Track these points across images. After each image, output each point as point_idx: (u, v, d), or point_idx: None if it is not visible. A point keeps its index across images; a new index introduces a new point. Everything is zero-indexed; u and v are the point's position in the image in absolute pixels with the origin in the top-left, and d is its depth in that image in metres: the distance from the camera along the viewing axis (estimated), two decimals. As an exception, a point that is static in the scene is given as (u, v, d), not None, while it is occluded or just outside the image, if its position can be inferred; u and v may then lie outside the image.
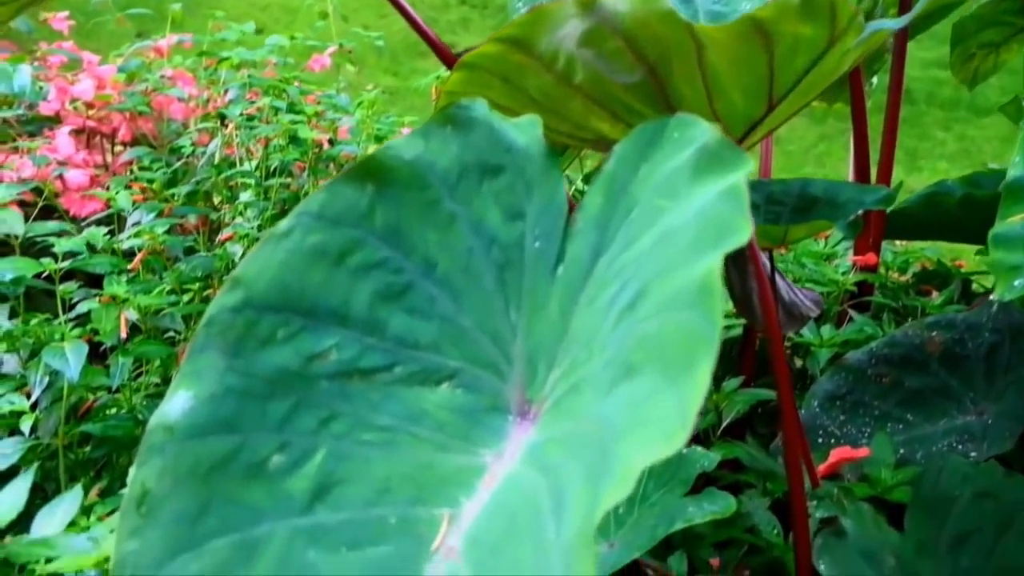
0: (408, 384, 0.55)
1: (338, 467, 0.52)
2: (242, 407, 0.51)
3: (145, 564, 0.47)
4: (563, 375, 0.53)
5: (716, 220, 0.44)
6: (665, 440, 0.38)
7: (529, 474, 0.50)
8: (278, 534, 0.50)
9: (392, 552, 0.50)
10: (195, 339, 0.52)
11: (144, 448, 0.49)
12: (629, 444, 0.39)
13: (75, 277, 0.92)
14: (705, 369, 0.39)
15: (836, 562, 0.73)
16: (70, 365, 0.72)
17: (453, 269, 0.56)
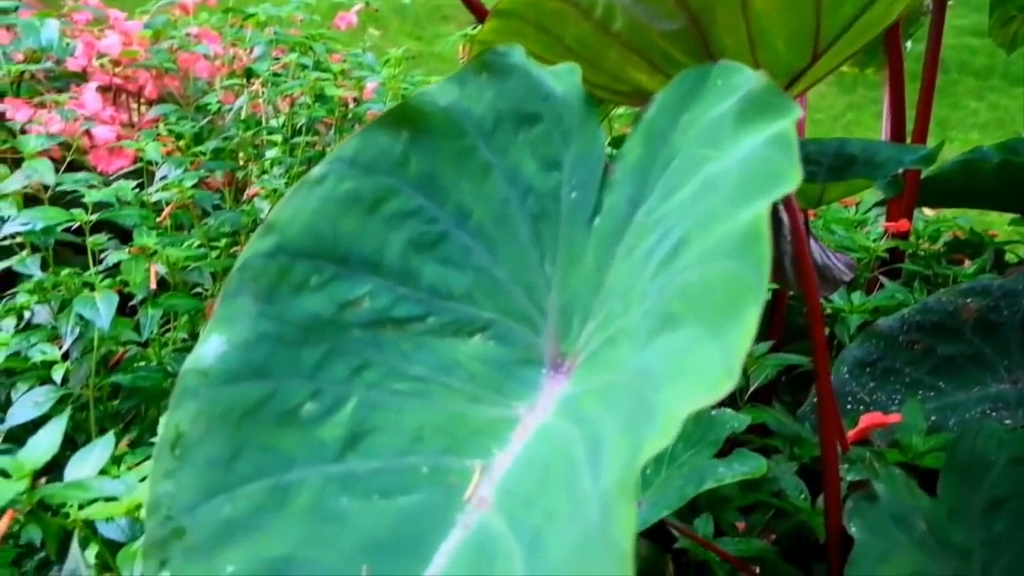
0: (441, 335, 0.55)
1: (370, 416, 0.52)
2: (275, 353, 0.51)
3: (179, 505, 0.47)
4: (598, 328, 0.53)
5: (763, 167, 0.43)
6: (708, 388, 0.37)
7: (563, 426, 0.50)
8: (310, 480, 0.49)
9: (424, 501, 0.50)
10: (228, 284, 0.52)
11: (178, 391, 0.49)
12: (671, 393, 0.39)
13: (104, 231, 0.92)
14: (752, 318, 0.38)
15: (867, 525, 0.72)
16: (101, 314, 0.73)
17: (488, 219, 0.56)
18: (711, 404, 0.36)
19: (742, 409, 1.02)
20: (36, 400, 0.75)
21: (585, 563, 0.39)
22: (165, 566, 0.46)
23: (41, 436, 0.53)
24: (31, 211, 0.78)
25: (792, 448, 0.99)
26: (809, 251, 0.91)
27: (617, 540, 0.35)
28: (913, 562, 0.71)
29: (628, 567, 0.34)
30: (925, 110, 1.38)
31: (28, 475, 0.50)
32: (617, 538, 0.35)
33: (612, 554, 0.36)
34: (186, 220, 0.96)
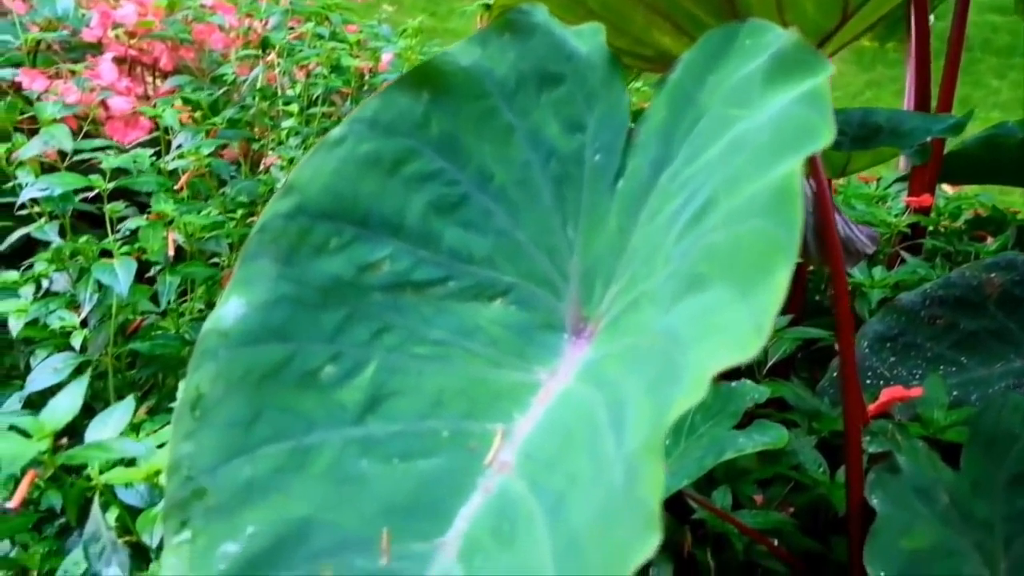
0: (462, 299, 0.54)
1: (390, 379, 0.51)
2: (294, 316, 0.50)
3: (199, 466, 0.47)
4: (621, 292, 0.52)
5: (795, 124, 0.42)
6: (737, 347, 0.37)
7: (585, 390, 0.49)
8: (330, 443, 0.49)
9: (444, 465, 0.50)
10: (247, 246, 0.51)
11: (198, 353, 0.49)
12: (698, 353, 0.38)
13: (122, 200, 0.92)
14: (782, 276, 0.37)
15: (889, 498, 0.71)
16: (119, 280, 0.72)
17: (509, 182, 0.55)
18: (740, 363, 0.36)
19: (760, 383, 1.01)
20: (55, 367, 0.75)
21: (610, 526, 0.39)
22: (186, 526, 0.46)
23: (61, 398, 0.53)
24: (49, 176, 0.78)
25: (811, 422, 0.98)
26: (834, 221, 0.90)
27: (644, 501, 0.35)
28: (935, 535, 0.70)
29: (655, 528, 0.34)
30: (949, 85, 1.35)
31: (49, 436, 0.50)
32: (644, 499, 0.35)
33: (638, 516, 0.35)
34: (203, 189, 0.95)
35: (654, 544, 0.33)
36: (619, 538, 0.37)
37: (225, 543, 0.46)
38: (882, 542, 0.68)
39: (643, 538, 0.34)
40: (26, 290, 0.85)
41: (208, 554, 0.46)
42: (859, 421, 0.70)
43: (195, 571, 0.45)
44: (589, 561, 0.39)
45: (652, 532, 0.34)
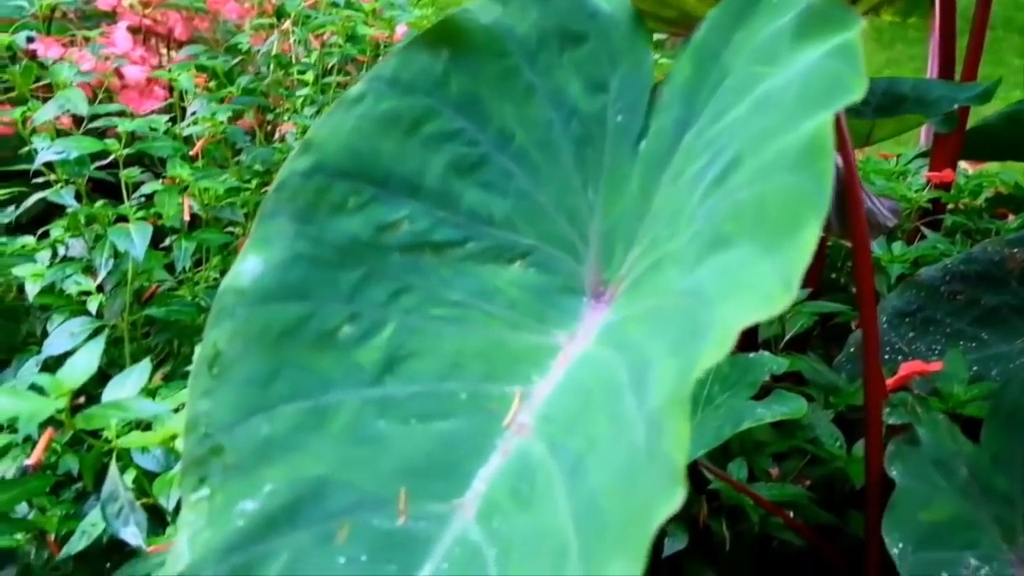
0: (481, 261, 0.53)
1: (408, 340, 0.51)
2: (312, 275, 0.50)
3: (217, 423, 0.47)
4: (643, 254, 0.51)
5: (825, 78, 0.41)
6: (764, 303, 0.36)
7: (605, 353, 0.49)
8: (348, 403, 0.49)
9: (462, 426, 0.49)
10: (265, 204, 0.51)
11: (215, 310, 0.48)
12: (724, 309, 0.37)
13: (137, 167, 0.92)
14: (811, 232, 0.36)
15: (908, 470, 0.71)
16: (135, 244, 0.72)
17: (530, 143, 0.54)
18: (767, 318, 0.35)
19: (777, 356, 1.00)
20: (72, 331, 0.75)
21: (631, 486, 0.38)
22: (204, 483, 0.46)
23: (79, 357, 0.53)
24: (65, 140, 0.77)
25: (827, 397, 0.98)
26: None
27: (668, 456, 0.34)
28: (954, 507, 0.69)
29: (679, 484, 0.33)
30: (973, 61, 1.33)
31: (67, 394, 0.50)
32: (668, 454, 0.34)
33: (662, 472, 0.35)
34: (218, 156, 0.95)
35: (678, 501, 0.33)
36: (641, 497, 0.36)
37: (243, 500, 0.46)
38: (901, 514, 0.68)
39: (667, 494, 0.33)
40: (42, 255, 0.85)
41: (226, 511, 0.45)
42: (880, 392, 0.70)
43: (213, 528, 0.45)
44: (609, 521, 0.39)
45: (676, 488, 0.33)
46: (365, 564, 0.45)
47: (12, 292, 0.99)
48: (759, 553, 0.86)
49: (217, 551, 0.44)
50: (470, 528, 0.46)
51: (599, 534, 0.39)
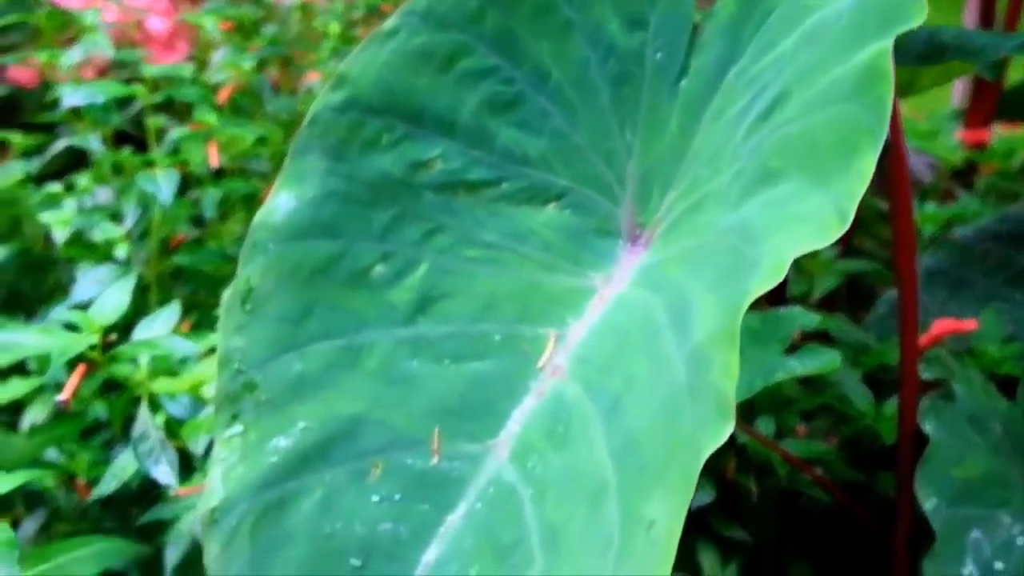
0: (515, 202, 0.52)
1: (441, 281, 0.50)
2: (344, 212, 0.49)
3: (250, 360, 0.46)
4: (681, 195, 0.50)
5: (879, 5, 0.39)
6: (817, 233, 0.35)
7: (642, 294, 0.48)
8: (381, 343, 0.48)
9: (496, 368, 0.49)
10: (297, 140, 0.50)
11: (248, 245, 0.48)
12: (775, 241, 0.36)
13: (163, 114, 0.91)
14: (867, 161, 0.35)
15: (942, 425, 0.70)
16: (163, 190, 0.72)
17: (566, 81, 0.53)
18: (821, 247, 0.34)
19: (806, 316, 0.99)
20: (99, 278, 0.75)
21: (673, 422, 0.38)
22: (237, 419, 0.46)
23: (109, 294, 0.53)
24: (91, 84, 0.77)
25: (856, 356, 0.96)
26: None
27: (716, 387, 0.34)
28: (987, 464, 0.68)
29: (728, 415, 0.32)
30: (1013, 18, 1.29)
31: (98, 330, 0.50)
32: (716, 385, 0.34)
33: (709, 403, 0.34)
34: (245, 103, 0.94)
35: (726, 433, 0.32)
36: (684, 432, 0.36)
37: (276, 437, 0.46)
38: (934, 469, 0.67)
39: (715, 426, 0.33)
40: (69, 202, 0.85)
41: (259, 447, 0.45)
42: (916, 346, 0.68)
43: (247, 464, 0.45)
44: (650, 459, 0.38)
45: (725, 419, 0.32)
46: (398, 503, 0.45)
47: (39, 244, 0.99)
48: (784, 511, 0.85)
49: (251, 486, 0.44)
50: (504, 468, 0.45)
51: (639, 472, 0.38)
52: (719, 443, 0.32)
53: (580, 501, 0.41)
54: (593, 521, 0.39)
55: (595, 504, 0.40)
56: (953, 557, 0.62)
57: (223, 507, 0.44)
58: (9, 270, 0.98)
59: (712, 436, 0.32)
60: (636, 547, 0.35)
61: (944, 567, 0.62)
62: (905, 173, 0.62)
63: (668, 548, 0.33)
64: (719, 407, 0.33)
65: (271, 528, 0.44)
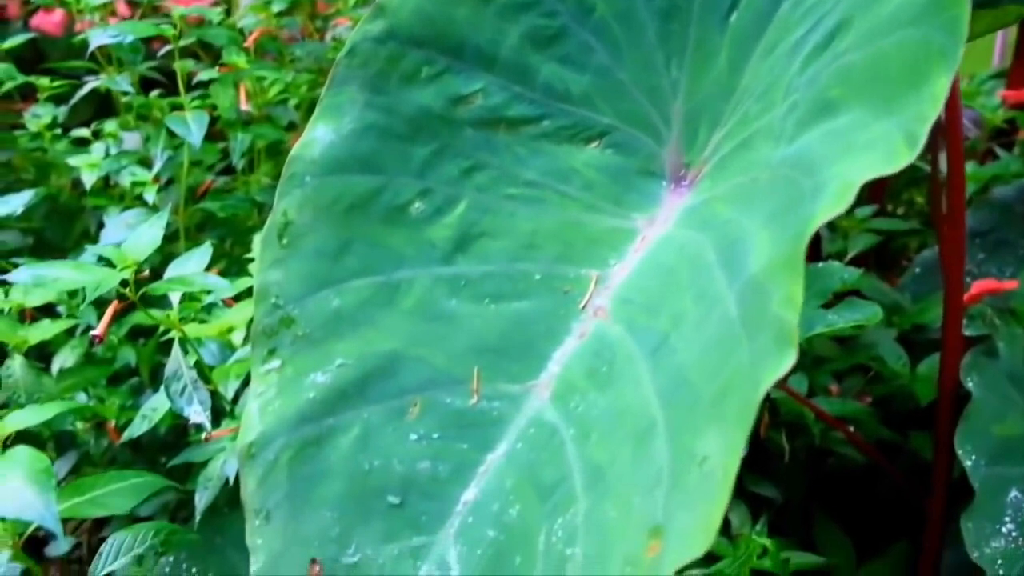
0: (556, 140, 0.51)
1: (481, 219, 0.49)
2: (383, 147, 0.48)
3: (287, 294, 0.46)
4: (729, 133, 0.48)
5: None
6: (884, 159, 0.33)
7: (687, 234, 0.46)
8: (419, 280, 0.47)
9: (536, 308, 0.48)
10: (335, 70, 0.48)
11: (285, 178, 0.47)
12: (838, 167, 0.35)
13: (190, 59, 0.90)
14: (941, 84, 0.34)
15: (984, 382, 0.68)
16: (192, 131, 0.71)
17: (612, 15, 0.51)
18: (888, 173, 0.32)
19: (839, 275, 0.97)
20: (128, 222, 0.74)
21: (725, 357, 0.36)
22: (274, 355, 0.45)
23: (142, 231, 0.52)
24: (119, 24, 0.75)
25: (890, 316, 0.95)
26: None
27: (777, 317, 0.32)
28: (1029, 423, 0.67)
29: (791, 343, 0.31)
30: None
31: (131, 265, 0.49)
32: (777, 315, 0.32)
33: (770, 334, 0.33)
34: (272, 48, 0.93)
35: (788, 363, 0.31)
36: (742, 365, 0.34)
37: (313, 373, 0.45)
38: (974, 426, 0.66)
39: (776, 356, 0.31)
40: (98, 146, 0.84)
41: (296, 383, 0.45)
42: (959, 301, 0.66)
43: (284, 399, 0.44)
44: (701, 394, 0.37)
45: (787, 350, 0.31)
46: (437, 441, 0.44)
47: (66, 192, 0.99)
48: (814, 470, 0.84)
49: (288, 421, 0.44)
50: (545, 409, 0.45)
51: (689, 409, 0.37)
52: (780, 374, 0.31)
53: (625, 440, 0.40)
54: (640, 459, 0.38)
55: (641, 443, 0.39)
56: (992, 515, 0.61)
57: (260, 441, 0.43)
58: (36, 217, 0.97)
59: (772, 368, 0.31)
60: (688, 483, 0.34)
61: (983, 525, 0.61)
62: (959, 125, 0.60)
63: (724, 482, 0.32)
64: (780, 338, 0.32)
65: (309, 464, 0.43)
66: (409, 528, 0.42)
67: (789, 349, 0.31)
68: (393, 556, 0.42)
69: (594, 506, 0.39)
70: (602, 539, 0.37)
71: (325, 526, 0.42)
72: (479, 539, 0.41)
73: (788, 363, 0.31)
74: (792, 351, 0.31)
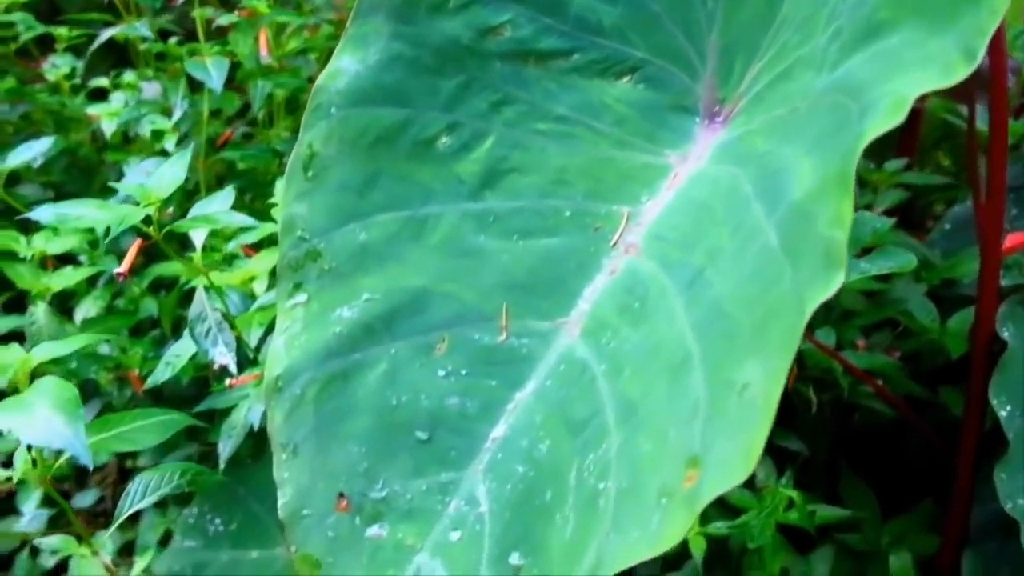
0: (587, 74, 0.50)
1: (510, 154, 0.48)
2: (410, 79, 0.47)
3: (313, 227, 0.45)
4: (767, 66, 0.47)
5: None
6: (940, 73, 0.32)
7: (723, 169, 0.45)
8: (447, 215, 0.46)
9: (566, 245, 0.46)
10: (360, 1, 0.47)
11: (310, 109, 0.46)
12: (889, 85, 0.33)
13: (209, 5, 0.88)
14: (1000, -5, 0.32)
15: (1020, 331, 0.67)
16: (212, 77, 0.70)
17: (645, -57, 0.49)
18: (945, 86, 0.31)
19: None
20: (147, 170, 0.73)
21: (768, 286, 0.35)
22: (300, 288, 0.45)
23: (166, 169, 0.51)
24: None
25: (919, 271, 0.93)
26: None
27: (823, 236, 0.31)
28: (1065, 375, 0.66)
29: (839, 262, 0.30)
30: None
31: (155, 202, 0.48)
32: (823, 234, 0.31)
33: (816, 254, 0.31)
34: (292, 0, 0.91)
35: (837, 282, 0.30)
36: (784, 291, 0.33)
37: (340, 307, 0.44)
38: (1010, 377, 0.64)
39: (823, 276, 0.30)
40: (117, 96, 0.83)
41: (323, 317, 0.44)
42: (998, 249, 0.65)
43: (310, 333, 0.44)
44: (740, 325, 0.36)
45: (834, 268, 0.30)
46: (465, 378, 0.44)
47: (85, 146, 0.98)
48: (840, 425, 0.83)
49: (315, 356, 0.43)
50: (576, 346, 0.44)
51: (727, 339, 0.36)
52: (828, 295, 0.30)
53: (659, 374, 0.39)
54: (675, 392, 0.37)
55: (676, 376, 0.38)
56: (1026, 466, 0.60)
57: (287, 375, 0.43)
58: (56, 171, 0.97)
59: (820, 289, 0.30)
60: (728, 412, 0.33)
61: (1016, 476, 0.60)
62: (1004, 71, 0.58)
63: (766, 409, 0.31)
64: (828, 258, 0.30)
65: (336, 398, 0.43)
66: (437, 464, 0.42)
67: (837, 269, 0.30)
68: (421, 491, 0.41)
69: (627, 440, 0.38)
70: (636, 472, 0.37)
71: (353, 461, 0.42)
72: (509, 475, 0.41)
73: (836, 283, 0.29)
74: (840, 271, 0.30)
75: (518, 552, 0.38)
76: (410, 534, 0.41)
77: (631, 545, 0.34)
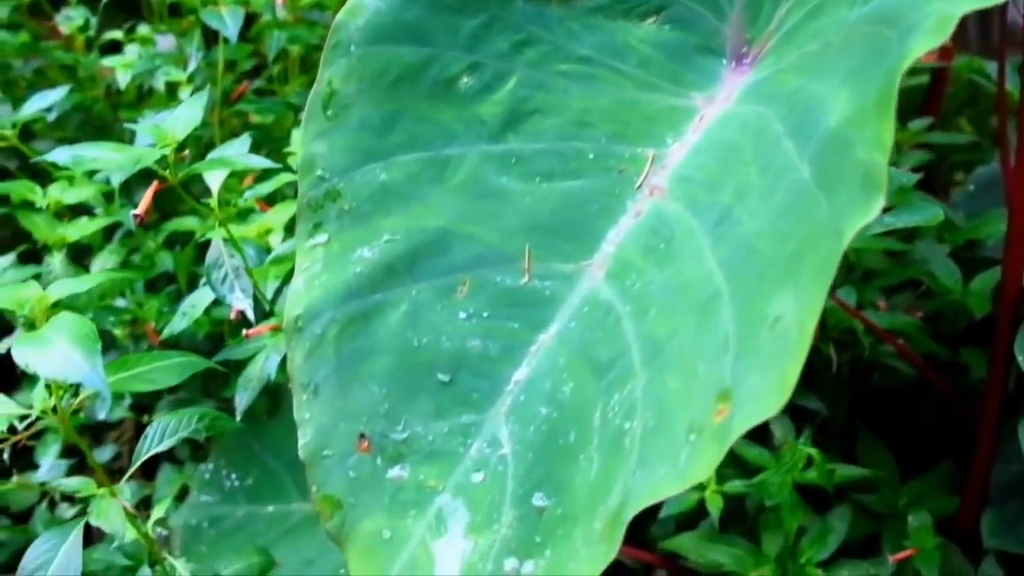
0: (611, 15, 0.48)
1: (532, 96, 0.47)
2: (431, 17, 0.46)
3: (333, 167, 0.44)
4: (796, 4, 0.46)
5: None
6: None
7: (751, 109, 0.44)
8: (469, 157, 0.46)
9: (590, 186, 0.46)
10: (381, -65, 0.46)
11: (329, 46, 0.45)
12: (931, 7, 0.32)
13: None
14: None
15: (1048, 288, 0.65)
16: (228, 25, 0.69)
17: None
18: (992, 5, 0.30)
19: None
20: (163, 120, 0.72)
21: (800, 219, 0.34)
22: (320, 228, 0.44)
23: (181, 110, 0.50)
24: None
25: (941, 233, 0.91)
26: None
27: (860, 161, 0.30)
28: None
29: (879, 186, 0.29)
30: None
31: (171, 144, 0.48)
32: (860, 159, 0.30)
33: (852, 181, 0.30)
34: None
35: (878, 205, 0.29)
36: (819, 222, 0.32)
37: (360, 248, 0.43)
38: (1035, 336, 0.63)
39: (863, 200, 0.29)
40: (131, 48, 0.82)
41: (343, 257, 0.43)
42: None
43: (330, 273, 0.43)
44: (771, 261, 0.35)
45: (875, 191, 0.29)
46: (487, 320, 0.43)
47: (100, 102, 0.97)
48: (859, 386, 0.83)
49: (335, 296, 0.43)
50: (600, 288, 0.43)
51: (758, 274, 0.35)
52: (868, 220, 0.29)
53: (687, 313, 0.38)
54: (703, 330, 0.36)
55: (704, 313, 0.37)
56: (1052, 421, 0.59)
57: (307, 315, 0.42)
58: (70, 127, 0.96)
59: (859, 214, 0.29)
60: (759, 345, 0.32)
61: (1042, 431, 0.59)
62: None
63: (800, 340, 0.30)
64: (867, 182, 0.29)
65: (357, 339, 0.42)
66: (459, 406, 0.41)
67: (878, 193, 0.29)
68: (443, 433, 0.41)
69: (653, 379, 0.37)
70: (662, 410, 0.36)
71: (374, 402, 0.41)
72: (532, 416, 0.40)
73: (876, 208, 0.29)
74: (881, 195, 0.29)
75: (542, 492, 0.38)
76: (432, 475, 0.40)
77: (658, 482, 0.34)
